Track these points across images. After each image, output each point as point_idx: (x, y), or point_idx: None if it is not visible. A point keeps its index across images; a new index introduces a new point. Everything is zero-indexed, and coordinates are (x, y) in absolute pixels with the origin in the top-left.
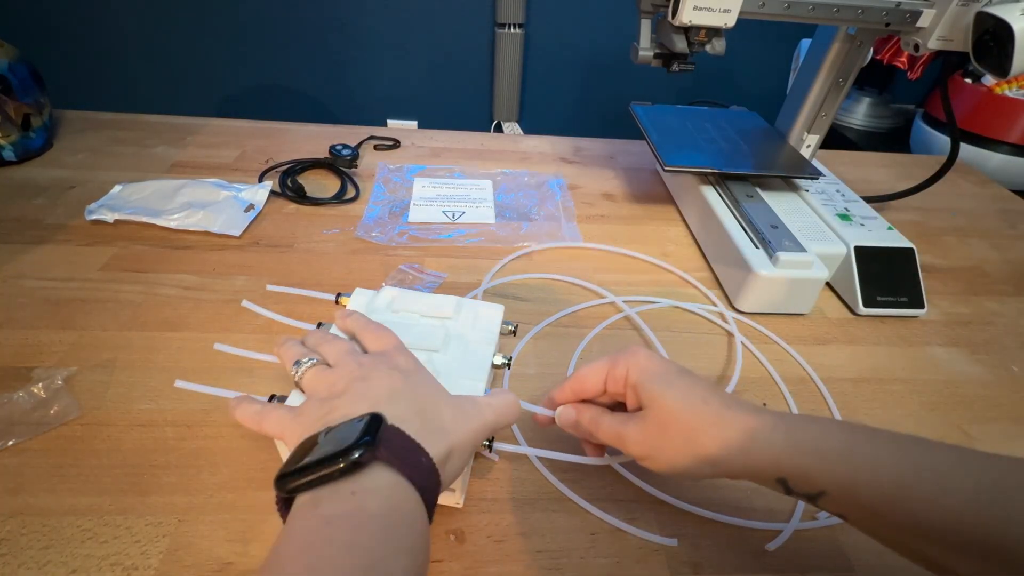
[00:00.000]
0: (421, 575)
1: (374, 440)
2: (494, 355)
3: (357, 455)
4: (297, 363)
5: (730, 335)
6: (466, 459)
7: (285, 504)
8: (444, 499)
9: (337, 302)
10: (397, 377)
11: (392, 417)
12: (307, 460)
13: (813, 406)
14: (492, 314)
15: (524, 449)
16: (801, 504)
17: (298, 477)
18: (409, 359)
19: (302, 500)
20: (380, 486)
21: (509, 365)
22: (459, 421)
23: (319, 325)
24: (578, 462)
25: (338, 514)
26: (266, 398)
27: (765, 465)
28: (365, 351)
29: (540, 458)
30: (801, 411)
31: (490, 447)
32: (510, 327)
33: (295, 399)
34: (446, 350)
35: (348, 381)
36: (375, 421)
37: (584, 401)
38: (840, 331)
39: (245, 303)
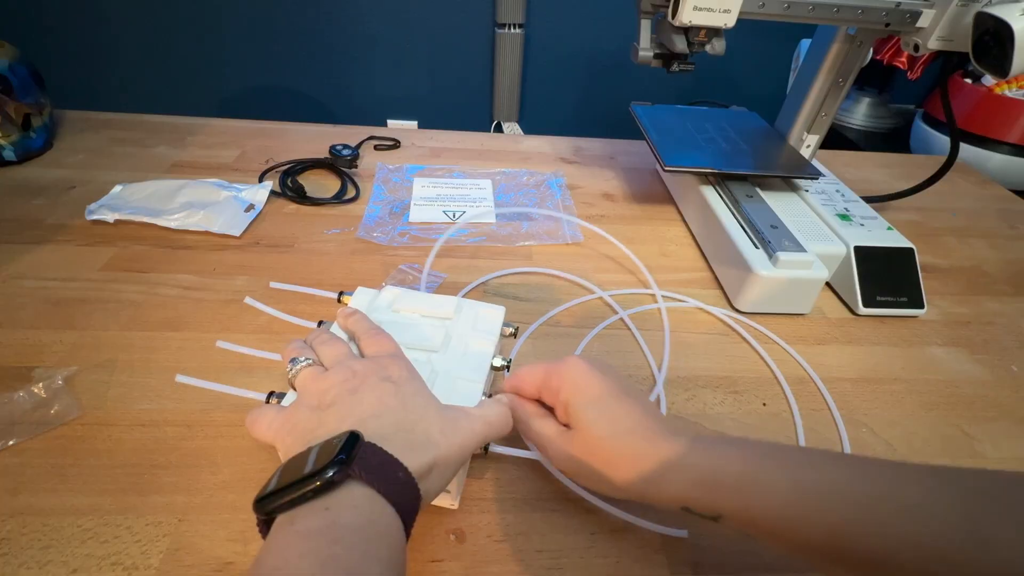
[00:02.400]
0: None
1: (348, 459)
2: (494, 357)
3: (330, 474)
4: (293, 361)
5: (729, 335)
6: (453, 470)
7: (265, 525)
8: (439, 500)
9: (339, 301)
10: (387, 389)
11: (373, 433)
12: (284, 482)
13: (813, 406)
14: (493, 316)
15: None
16: None
17: (275, 499)
18: (403, 368)
19: (280, 519)
20: (355, 501)
21: (509, 367)
22: (447, 434)
23: (320, 324)
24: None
25: (312, 528)
26: (264, 395)
27: (671, 496)
28: (363, 354)
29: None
30: (802, 411)
31: (486, 451)
32: (511, 329)
33: (291, 398)
34: (446, 351)
35: (338, 392)
36: (351, 440)
37: None
38: (840, 331)
39: (248, 300)
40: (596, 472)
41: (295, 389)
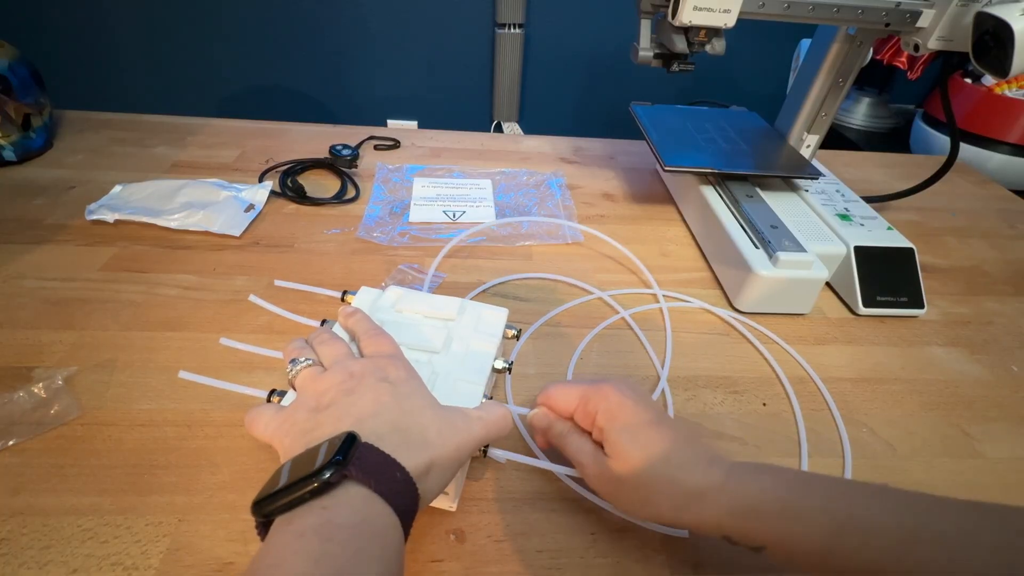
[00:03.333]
0: None
1: (345, 460)
2: (495, 359)
3: (327, 475)
4: (293, 361)
5: (730, 335)
6: (452, 471)
7: (264, 528)
8: (437, 502)
9: (343, 300)
10: (385, 390)
11: (370, 433)
12: (281, 484)
13: (813, 406)
14: (495, 318)
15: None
16: None
17: (273, 501)
18: (401, 369)
19: (278, 520)
20: (351, 501)
21: (510, 370)
22: (444, 435)
23: (323, 323)
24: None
25: (308, 527)
26: (265, 394)
27: (710, 525)
28: (362, 354)
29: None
30: (802, 411)
31: (485, 453)
32: (513, 331)
33: (291, 397)
34: (447, 352)
35: (336, 392)
36: (348, 441)
37: None
38: (840, 331)
39: (252, 298)
40: (632, 498)
41: (295, 389)
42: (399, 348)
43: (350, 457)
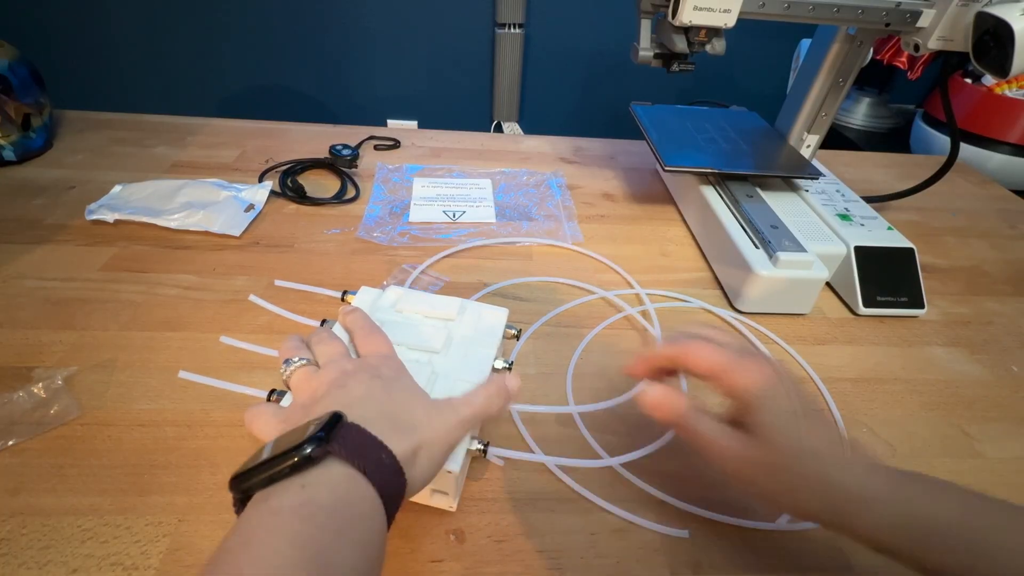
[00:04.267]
0: (373, 571)
1: (327, 436)
2: (495, 359)
3: (308, 451)
4: (287, 362)
5: (730, 335)
6: (440, 458)
7: (241, 504)
8: (437, 502)
9: (343, 300)
10: (376, 384)
11: (358, 417)
12: (262, 457)
13: (813, 406)
14: (495, 318)
15: (535, 456)
16: None
17: (251, 476)
18: (393, 367)
19: (256, 497)
20: (333, 480)
21: (510, 369)
22: (432, 419)
23: (323, 323)
24: (579, 466)
25: (285, 506)
26: (265, 393)
27: (863, 536)
28: (358, 353)
29: (544, 457)
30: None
31: (485, 451)
32: (513, 331)
33: (289, 398)
34: (447, 352)
35: (328, 387)
36: (333, 420)
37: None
38: (840, 331)
39: (252, 297)
40: (774, 487)
41: (289, 389)
42: (393, 348)
43: (334, 434)
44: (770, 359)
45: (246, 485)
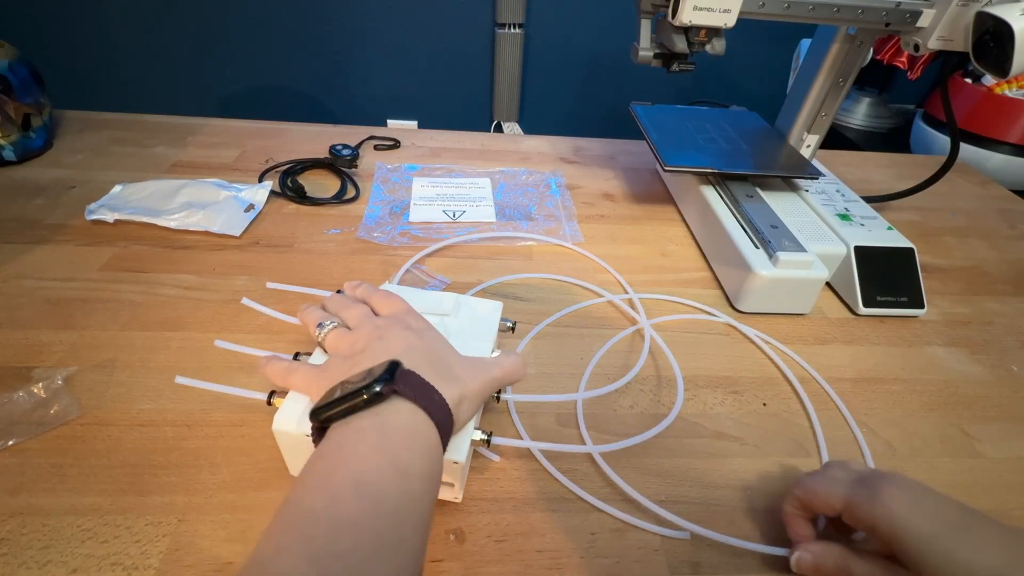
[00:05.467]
0: (434, 484)
1: (392, 378)
2: (492, 352)
3: (378, 388)
4: (320, 325)
5: (730, 335)
6: (477, 405)
7: (319, 433)
8: (443, 493)
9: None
10: (411, 335)
11: (410, 365)
12: (336, 395)
13: (814, 406)
14: (490, 311)
15: (525, 443)
16: None
17: (331, 408)
18: (420, 320)
19: (335, 425)
20: (400, 410)
21: None
22: (470, 372)
23: (338, 292)
24: (568, 450)
25: (365, 425)
26: (264, 395)
27: None
28: (378, 315)
29: (542, 456)
30: (802, 411)
31: (488, 442)
32: (508, 324)
33: (318, 358)
34: None
35: (367, 340)
36: (393, 365)
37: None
38: (840, 331)
39: (245, 300)
40: None
41: (325, 350)
42: (410, 305)
43: (396, 376)
44: (891, 473)
45: (327, 415)
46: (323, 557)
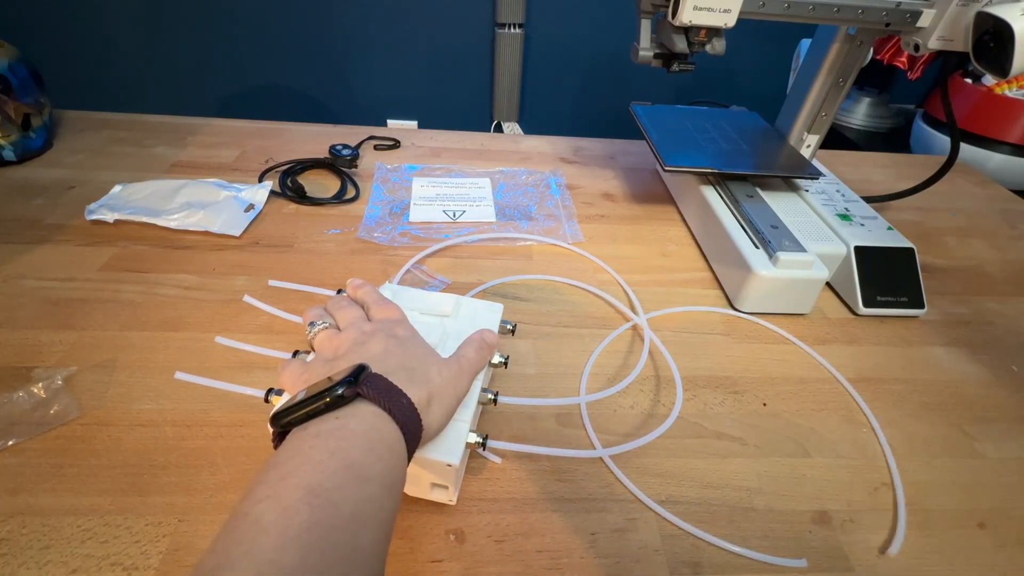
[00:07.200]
0: (397, 490)
1: (356, 380)
2: (496, 358)
3: (340, 391)
4: (312, 324)
5: (730, 335)
6: (450, 405)
7: (280, 438)
8: (438, 496)
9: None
10: (392, 343)
11: (380, 370)
12: (299, 398)
13: (814, 406)
14: (491, 313)
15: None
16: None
17: (291, 412)
18: (407, 330)
19: (295, 429)
20: (362, 414)
21: (506, 364)
22: (443, 373)
23: (339, 292)
24: (579, 455)
25: (324, 430)
26: (262, 392)
27: None
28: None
29: (541, 458)
30: (802, 411)
31: (483, 445)
32: (509, 326)
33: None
34: (443, 348)
35: (350, 345)
36: (359, 368)
37: None
38: (840, 331)
39: (247, 298)
40: None
41: (314, 349)
42: (404, 314)
43: (361, 379)
44: None
45: (287, 420)
46: (269, 573)
